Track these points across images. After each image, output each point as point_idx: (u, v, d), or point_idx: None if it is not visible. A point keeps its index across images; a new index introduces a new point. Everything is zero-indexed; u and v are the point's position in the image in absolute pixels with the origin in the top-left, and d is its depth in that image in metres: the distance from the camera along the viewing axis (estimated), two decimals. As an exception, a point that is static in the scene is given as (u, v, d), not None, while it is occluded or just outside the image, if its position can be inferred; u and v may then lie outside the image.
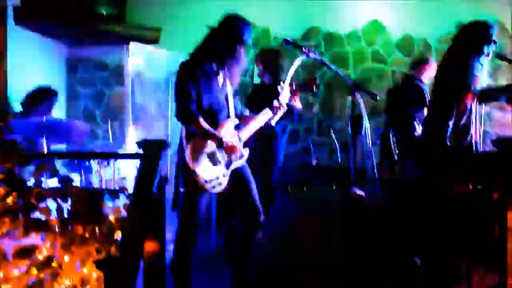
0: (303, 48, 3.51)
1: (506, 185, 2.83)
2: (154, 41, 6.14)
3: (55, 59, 6.26)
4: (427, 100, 4.67)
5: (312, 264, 3.28)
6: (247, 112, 3.49)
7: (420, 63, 5.05)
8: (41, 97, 4.70)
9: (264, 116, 3.37)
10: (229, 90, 3.29)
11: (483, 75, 3.59)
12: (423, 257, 3.40)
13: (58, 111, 5.37)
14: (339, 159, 5.22)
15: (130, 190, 2.75)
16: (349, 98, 3.37)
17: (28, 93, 4.70)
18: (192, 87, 3.06)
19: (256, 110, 3.46)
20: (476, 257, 3.16)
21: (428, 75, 4.96)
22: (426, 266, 3.37)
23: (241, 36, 3.19)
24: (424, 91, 4.78)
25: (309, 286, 3.27)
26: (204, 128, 3.04)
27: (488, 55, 3.58)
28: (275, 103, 3.37)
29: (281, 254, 3.44)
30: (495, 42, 3.58)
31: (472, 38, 3.58)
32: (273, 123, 3.48)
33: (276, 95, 3.40)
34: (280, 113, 3.42)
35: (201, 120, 3.04)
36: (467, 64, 3.52)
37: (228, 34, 3.18)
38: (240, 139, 3.23)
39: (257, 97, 4.46)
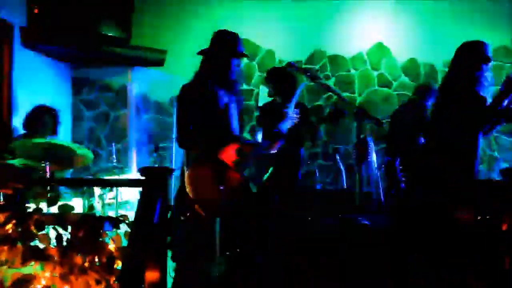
0: (308, 72, 3.47)
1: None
2: (158, 63, 6.15)
3: (61, 80, 6.26)
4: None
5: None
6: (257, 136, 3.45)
7: (424, 88, 5.05)
8: (40, 117, 4.55)
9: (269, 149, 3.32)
10: (233, 111, 3.26)
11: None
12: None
13: (64, 132, 5.35)
14: (344, 184, 5.16)
15: (132, 215, 2.70)
16: (355, 123, 3.33)
17: (27, 114, 4.58)
18: (193, 110, 3.04)
19: (267, 130, 3.43)
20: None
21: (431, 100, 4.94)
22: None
23: (233, 47, 3.18)
24: (428, 117, 4.73)
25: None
26: (206, 152, 2.98)
27: (485, 73, 3.48)
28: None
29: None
30: (489, 60, 3.50)
31: (468, 57, 3.52)
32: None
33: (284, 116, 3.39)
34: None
35: (203, 144, 2.99)
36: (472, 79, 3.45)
37: (221, 48, 3.17)
38: (242, 165, 3.14)
39: (270, 116, 4.36)
